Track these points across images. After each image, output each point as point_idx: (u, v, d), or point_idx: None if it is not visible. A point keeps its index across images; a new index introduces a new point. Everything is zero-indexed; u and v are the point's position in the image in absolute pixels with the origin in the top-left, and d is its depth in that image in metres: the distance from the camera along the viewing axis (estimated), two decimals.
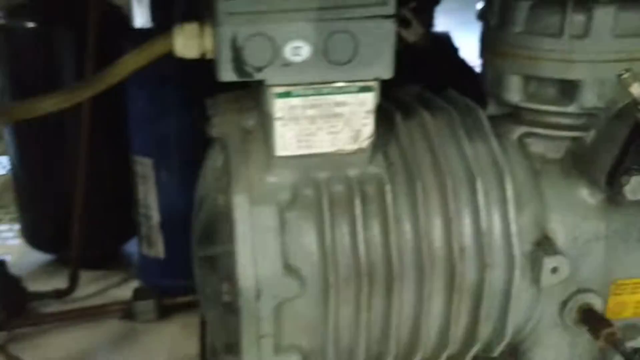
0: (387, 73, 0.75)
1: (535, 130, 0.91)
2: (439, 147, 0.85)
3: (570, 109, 0.88)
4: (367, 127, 0.77)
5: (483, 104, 0.93)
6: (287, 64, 0.72)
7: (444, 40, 1.54)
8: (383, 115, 0.90)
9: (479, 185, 0.84)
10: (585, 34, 0.84)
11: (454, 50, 1.52)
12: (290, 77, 0.74)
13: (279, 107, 0.75)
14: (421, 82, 1.20)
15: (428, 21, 1.41)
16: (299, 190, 0.80)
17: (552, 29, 0.85)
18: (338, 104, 0.75)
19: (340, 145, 0.77)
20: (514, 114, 0.94)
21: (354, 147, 0.78)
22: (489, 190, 0.86)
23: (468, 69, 1.48)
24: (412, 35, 1.34)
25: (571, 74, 0.86)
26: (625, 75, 0.74)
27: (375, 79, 0.75)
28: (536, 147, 0.92)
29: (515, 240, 0.84)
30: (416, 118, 0.89)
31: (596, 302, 0.91)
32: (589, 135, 0.90)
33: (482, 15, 0.96)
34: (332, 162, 0.79)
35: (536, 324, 0.92)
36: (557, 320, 0.92)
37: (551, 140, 0.92)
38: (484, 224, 0.84)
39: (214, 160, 0.88)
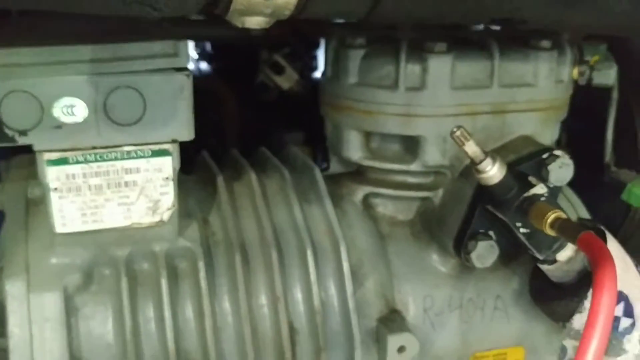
0: (184, 134, 0.60)
1: (381, 191, 0.76)
2: (266, 214, 0.71)
3: (414, 166, 0.74)
4: (167, 196, 0.62)
5: None
6: (59, 126, 0.56)
7: None
8: (207, 179, 0.75)
9: (310, 257, 0.70)
10: (421, 85, 0.71)
11: None
12: (63, 141, 0.56)
13: (54, 176, 0.58)
14: (302, 130, 1.07)
15: (308, 66, 1.27)
16: (94, 271, 0.63)
17: (387, 80, 0.72)
18: (128, 171, 0.60)
19: (136, 219, 0.61)
20: (358, 173, 0.80)
21: (153, 219, 0.62)
22: (324, 261, 0.71)
23: None
24: (286, 81, 1.20)
25: (411, 130, 0.72)
26: (457, 133, 0.62)
27: (172, 141, 0.61)
28: (384, 208, 0.78)
29: (354, 317, 0.69)
30: (244, 180, 0.75)
31: None
32: (437, 196, 0.77)
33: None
34: (131, 237, 0.63)
35: None
36: None
37: (399, 201, 0.78)
38: (316, 301, 0.69)
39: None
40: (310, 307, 0.67)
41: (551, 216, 0.61)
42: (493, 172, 0.63)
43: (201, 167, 0.77)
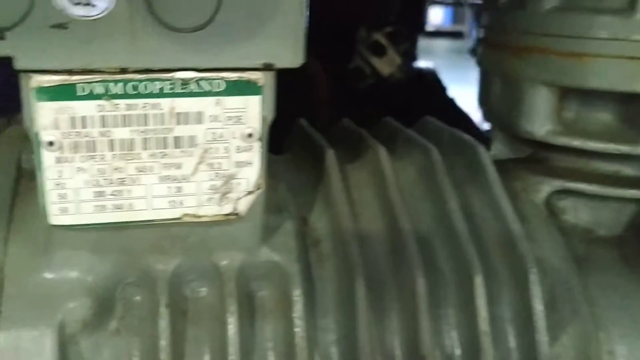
0: (288, 56, 0.31)
1: (579, 187, 0.47)
2: (404, 214, 0.41)
3: None
4: (249, 168, 0.33)
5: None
6: (61, 25, 0.29)
7: (429, 76, 1.12)
8: (303, 159, 0.46)
9: (480, 289, 0.40)
10: None
11: (441, 87, 1.11)
12: (68, 54, 0.28)
13: (48, 120, 0.31)
14: (401, 120, 0.78)
15: (409, 52, 1.00)
16: (115, 295, 0.35)
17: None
18: (182, 118, 0.32)
19: (191, 207, 0.33)
20: (537, 159, 0.50)
21: (221, 210, 0.34)
22: (498, 297, 0.41)
23: (458, 110, 1.06)
24: (387, 66, 0.94)
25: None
26: None
27: (264, 67, 0.32)
28: (575, 216, 0.48)
29: None
30: (365, 161, 0.46)
31: None
32: None
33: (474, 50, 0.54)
34: (181, 241, 0.35)
35: None
36: None
37: (602, 205, 0.48)
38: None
39: None
40: None
41: None
42: None
43: (296, 141, 0.49)
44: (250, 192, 0.33)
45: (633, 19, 0.40)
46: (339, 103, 0.94)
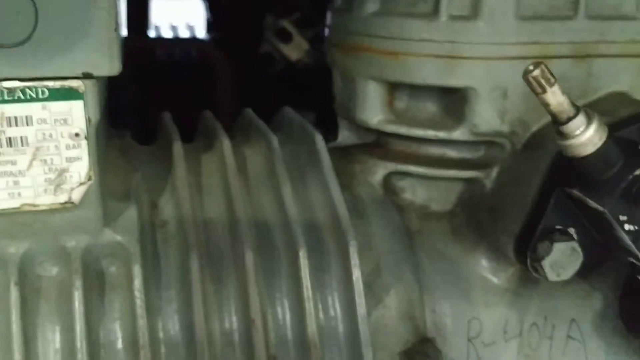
0: (103, 65, 0.35)
1: (409, 169, 0.53)
2: (240, 197, 0.47)
3: (459, 134, 0.50)
4: (78, 163, 0.38)
5: None
6: None
7: None
8: (168, 149, 0.51)
9: (304, 262, 0.46)
10: (473, 13, 0.47)
11: None
12: None
13: None
14: (312, 110, 0.84)
15: (318, 37, 1.05)
16: None
17: (423, 5, 0.48)
18: (13, 122, 0.37)
19: (28, 198, 0.38)
20: (377, 145, 0.56)
21: (56, 199, 0.39)
22: (324, 268, 0.47)
23: None
24: (294, 51, 0.98)
25: (456, 79, 0.49)
26: (536, 73, 0.37)
27: (84, 76, 0.37)
28: (412, 194, 0.54)
29: (367, 351, 0.46)
30: (215, 151, 0.51)
31: None
32: (490, 177, 0.53)
33: None
34: (27, 227, 0.40)
35: None
36: None
37: (434, 184, 0.54)
38: (311, 326, 0.45)
39: None
40: (303, 336, 0.43)
41: None
42: (588, 136, 0.39)
43: (163, 134, 0.54)
44: (82, 183, 0.38)
45: (437, 22, 0.46)
46: (251, 89, 0.98)
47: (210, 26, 1.16)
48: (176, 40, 1.26)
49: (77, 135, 0.37)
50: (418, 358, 0.46)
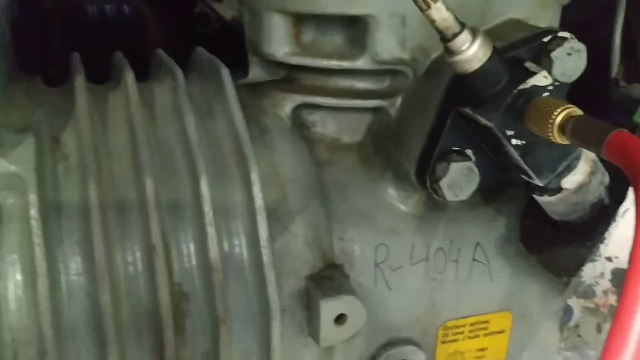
0: None
1: (316, 100, 0.53)
2: (142, 128, 0.47)
3: (361, 63, 0.50)
4: None
5: None
6: None
7: None
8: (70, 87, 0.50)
9: (205, 188, 0.46)
10: None
11: None
12: None
13: None
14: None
15: None
16: None
17: None
18: None
19: None
20: (288, 79, 0.56)
21: None
22: (226, 195, 0.48)
23: None
24: (228, 10, 0.97)
25: (355, 7, 0.49)
26: None
27: None
28: (323, 127, 0.54)
29: (269, 275, 0.46)
30: (122, 87, 0.50)
31: (417, 358, 0.55)
32: (394, 105, 0.54)
33: None
34: None
35: None
36: None
37: (344, 116, 0.54)
38: (213, 252, 0.45)
39: None
40: (205, 262, 0.44)
41: (561, 114, 0.38)
42: (473, 51, 0.39)
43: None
44: None
45: None
46: (188, 49, 0.97)
47: None
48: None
49: None
50: (323, 282, 0.47)
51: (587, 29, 0.75)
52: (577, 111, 0.38)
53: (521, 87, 0.41)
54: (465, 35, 0.39)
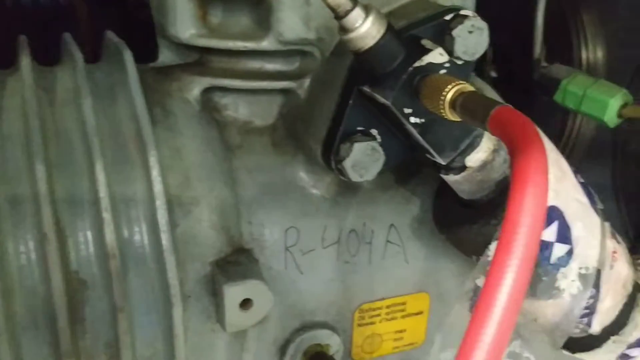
0: None
1: (224, 82, 0.51)
2: (36, 112, 0.45)
3: (267, 43, 0.49)
4: None
5: None
6: None
7: None
8: None
9: (100, 172, 0.44)
10: None
11: None
12: None
13: None
14: None
15: None
16: None
17: None
18: None
19: None
20: (198, 63, 0.55)
21: None
22: (124, 178, 0.46)
23: None
24: None
25: None
26: None
27: None
28: (235, 110, 0.53)
29: (169, 261, 0.45)
30: (19, 72, 0.48)
31: (332, 342, 0.55)
32: (303, 87, 0.53)
33: None
34: None
35: None
36: None
37: (255, 99, 0.53)
38: (109, 237, 0.44)
39: None
40: (103, 249, 0.42)
41: (451, 90, 0.37)
42: (366, 28, 0.39)
43: None
44: None
45: None
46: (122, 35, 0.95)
47: None
48: None
49: None
50: (229, 267, 0.46)
51: (511, 11, 0.75)
52: (468, 87, 0.38)
53: (416, 64, 0.40)
54: (357, 12, 0.38)
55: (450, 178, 0.46)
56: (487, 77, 1.06)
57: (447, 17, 0.44)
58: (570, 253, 0.45)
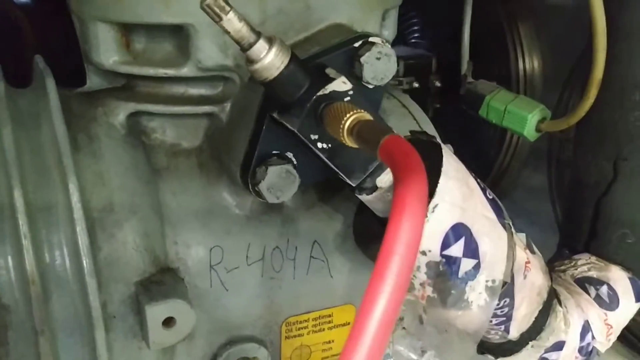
0: None
1: (148, 107, 0.53)
2: None
3: (187, 70, 0.51)
4: None
5: None
6: None
7: None
8: None
9: (19, 200, 0.45)
10: None
11: None
12: None
13: None
14: None
15: None
16: None
17: None
18: None
19: None
20: (124, 88, 0.56)
21: None
22: (50, 208, 0.48)
23: None
24: None
25: (173, 16, 0.49)
26: (208, 1, 0.38)
27: None
28: (162, 133, 0.54)
29: (91, 283, 0.46)
30: None
31: (260, 355, 0.56)
32: (224, 111, 0.54)
33: None
34: None
35: None
36: None
37: (181, 122, 0.54)
38: (29, 264, 0.45)
39: None
40: (23, 274, 0.44)
41: (350, 118, 0.39)
42: (269, 60, 0.41)
43: None
44: None
45: None
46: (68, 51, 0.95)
47: None
48: None
49: None
50: (152, 287, 0.47)
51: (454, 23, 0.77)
52: (366, 116, 0.40)
53: (320, 93, 0.42)
54: (261, 44, 0.40)
55: (364, 198, 0.48)
56: (432, 87, 1.09)
57: (357, 44, 0.46)
58: (477, 267, 0.48)
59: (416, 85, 1.03)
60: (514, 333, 0.55)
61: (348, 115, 0.39)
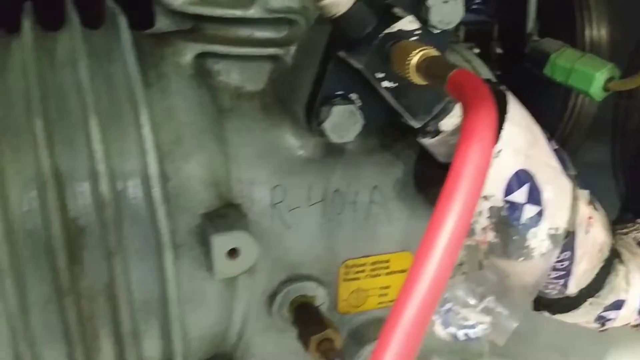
0: None
1: (216, 48, 0.53)
2: (35, 72, 0.48)
3: (253, 11, 0.51)
4: None
5: None
6: None
7: None
8: None
9: (95, 128, 0.47)
10: None
11: None
12: None
13: None
14: None
15: None
16: None
17: None
18: None
19: None
20: (192, 30, 0.57)
21: None
22: (118, 135, 0.49)
23: None
24: None
25: None
26: None
27: None
28: (227, 76, 0.55)
29: (160, 210, 0.48)
30: (20, 36, 0.52)
31: (318, 294, 0.58)
32: (289, 53, 0.55)
33: None
34: None
35: (242, 328, 0.57)
36: (267, 321, 0.58)
37: (246, 65, 0.55)
38: (104, 187, 0.47)
39: None
40: (98, 197, 0.46)
41: (417, 55, 0.39)
42: None
43: None
44: None
45: None
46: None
47: None
48: None
49: None
50: (217, 219, 0.49)
51: None
52: (433, 52, 0.40)
53: (387, 31, 0.42)
54: None
55: (426, 141, 0.48)
56: (493, 54, 1.07)
57: None
58: (540, 214, 0.47)
59: (477, 51, 1.02)
60: (573, 289, 0.55)
61: (415, 52, 0.40)
